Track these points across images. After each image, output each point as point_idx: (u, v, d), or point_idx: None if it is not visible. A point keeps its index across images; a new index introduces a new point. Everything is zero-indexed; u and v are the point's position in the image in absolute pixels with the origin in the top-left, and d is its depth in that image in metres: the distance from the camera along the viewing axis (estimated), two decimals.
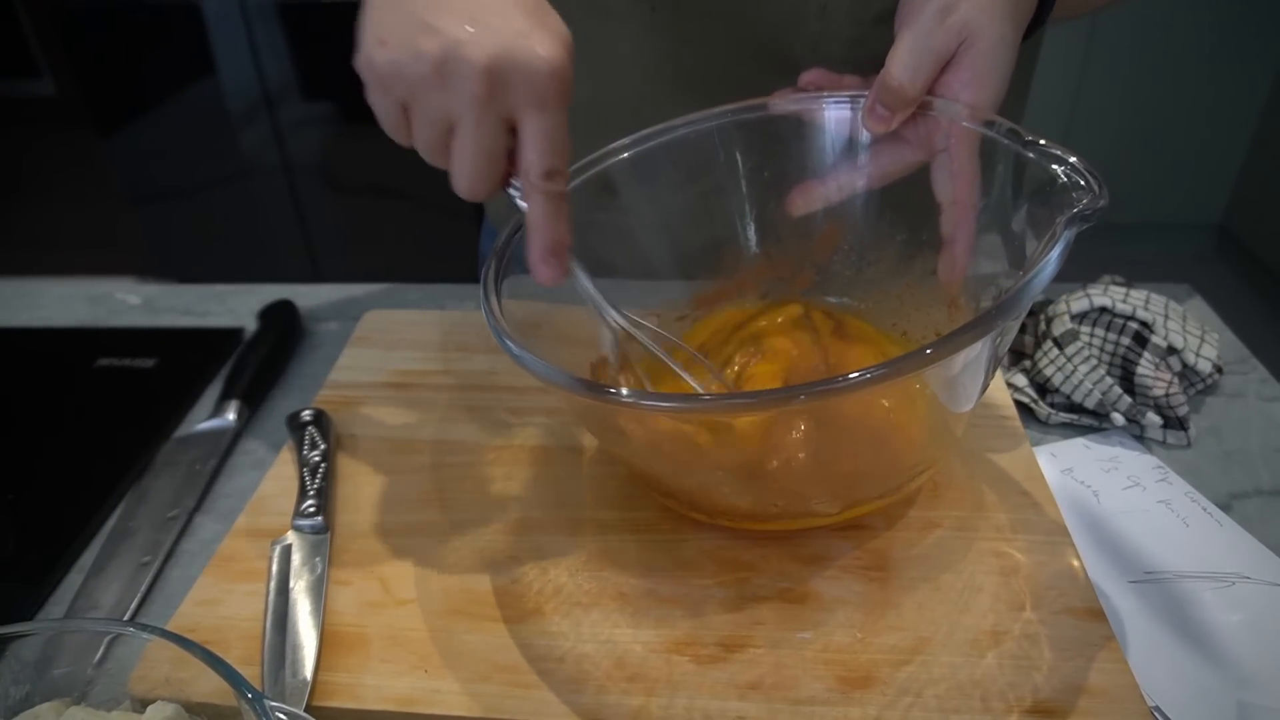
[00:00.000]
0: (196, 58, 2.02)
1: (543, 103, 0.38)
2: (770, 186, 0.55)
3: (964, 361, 0.39)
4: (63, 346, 0.72)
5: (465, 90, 0.37)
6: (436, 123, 0.39)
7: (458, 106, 0.38)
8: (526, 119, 0.39)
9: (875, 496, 0.46)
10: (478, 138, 0.39)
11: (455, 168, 0.40)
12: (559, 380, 0.38)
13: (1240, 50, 2.23)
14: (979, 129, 0.46)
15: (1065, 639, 0.42)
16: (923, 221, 0.51)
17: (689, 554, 0.47)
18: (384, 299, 0.77)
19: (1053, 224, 0.38)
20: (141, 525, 0.53)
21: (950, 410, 0.44)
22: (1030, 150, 0.43)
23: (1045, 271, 0.36)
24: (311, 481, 0.51)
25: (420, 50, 0.37)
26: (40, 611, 0.49)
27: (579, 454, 0.54)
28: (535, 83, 0.38)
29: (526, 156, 0.40)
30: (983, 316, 0.35)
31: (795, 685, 0.40)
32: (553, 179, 0.40)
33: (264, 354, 0.66)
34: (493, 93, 0.37)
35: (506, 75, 0.37)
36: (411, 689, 0.41)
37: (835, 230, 0.56)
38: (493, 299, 0.43)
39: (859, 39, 0.63)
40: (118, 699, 0.40)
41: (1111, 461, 0.56)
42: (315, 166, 2.18)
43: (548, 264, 0.42)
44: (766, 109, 0.54)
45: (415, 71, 0.37)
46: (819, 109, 0.53)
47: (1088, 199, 0.38)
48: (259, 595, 0.46)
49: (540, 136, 0.39)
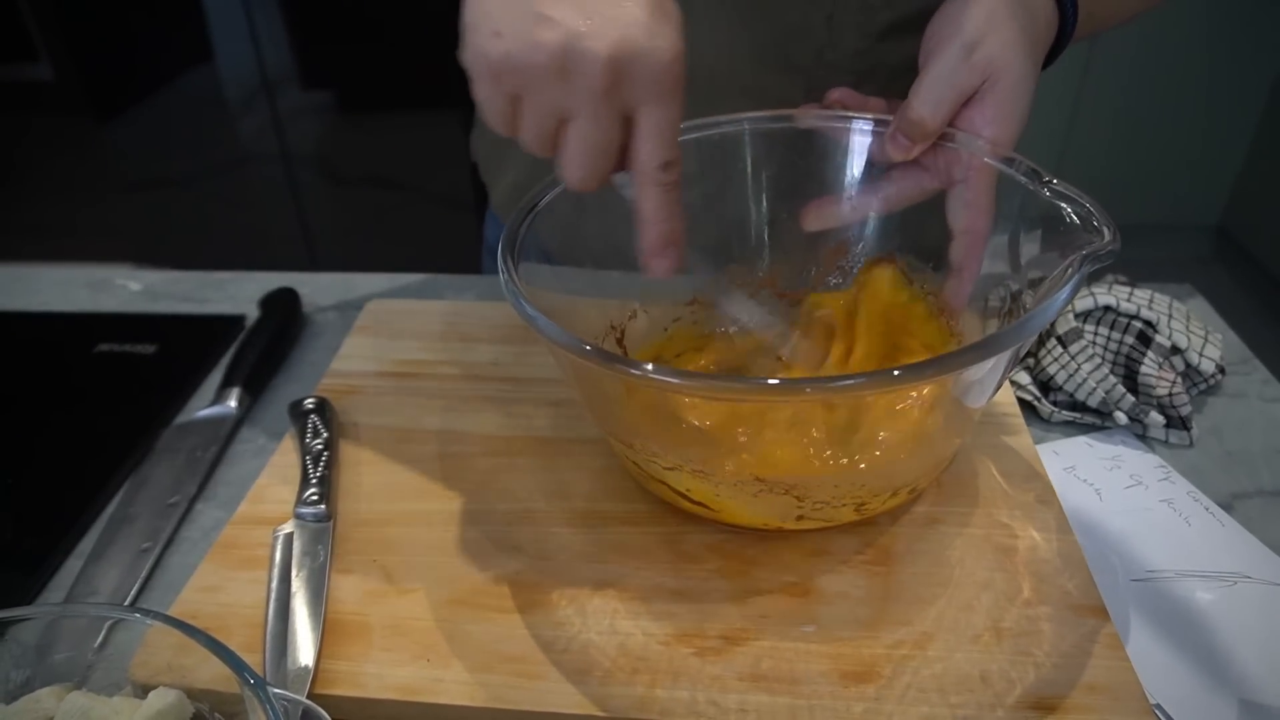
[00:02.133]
0: (195, 44, 2.01)
1: (662, 95, 0.38)
2: (784, 196, 0.56)
3: (983, 371, 0.40)
4: (62, 332, 0.71)
5: (585, 84, 0.36)
6: (550, 115, 0.38)
7: (576, 100, 0.37)
8: (645, 112, 0.38)
9: (891, 493, 0.46)
10: (594, 131, 0.38)
11: (566, 159, 0.39)
12: (584, 351, 0.38)
13: (1239, 54, 2.23)
14: (999, 165, 0.47)
15: (1067, 635, 0.42)
16: (929, 244, 0.52)
17: (691, 547, 0.47)
18: (384, 288, 0.77)
19: (1064, 259, 0.40)
20: (141, 511, 0.53)
21: (968, 407, 0.45)
22: (1047, 189, 0.44)
23: (1056, 304, 0.38)
24: (314, 469, 0.51)
25: (538, 42, 0.36)
26: (39, 597, 0.49)
27: (581, 445, 0.54)
28: (657, 75, 0.37)
29: (643, 149, 0.39)
30: (993, 338, 0.37)
31: (798, 677, 0.40)
32: (669, 170, 0.40)
33: (265, 342, 0.66)
34: (614, 86, 0.37)
35: (628, 67, 0.36)
36: (414, 678, 0.41)
37: (843, 246, 0.57)
38: (513, 273, 0.43)
39: (864, 50, 0.64)
40: (118, 684, 0.40)
41: (1114, 460, 0.56)
42: (314, 155, 2.18)
43: (664, 255, 0.42)
44: (791, 121, 0.54)
45: (533, 64, 0.36)
46: (843, 128, 0.54)
47: (1099, 241, 0.40)
48: (260, 583, 0.46)
49: (658, 129, 0.38)
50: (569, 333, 0.39)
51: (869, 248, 0.56)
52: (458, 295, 0.74)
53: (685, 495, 0.46)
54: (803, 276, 0.58)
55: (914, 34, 0.64)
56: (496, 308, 0.67)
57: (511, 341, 0.64)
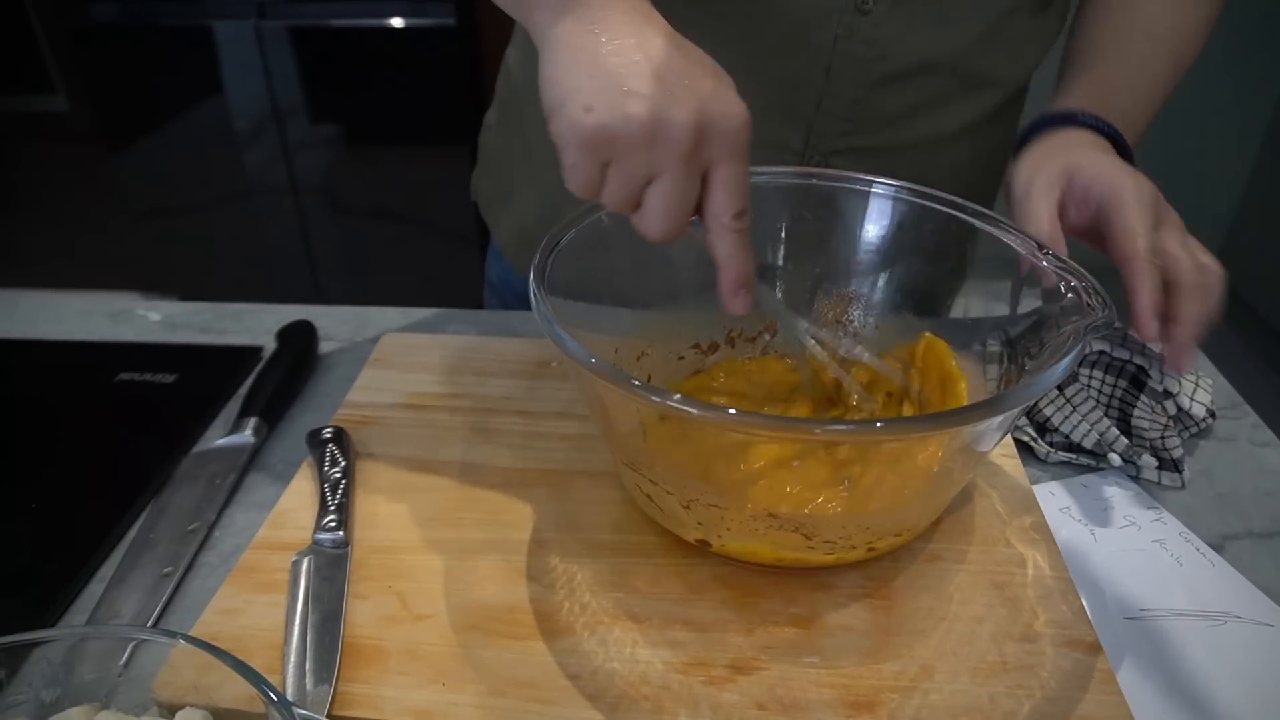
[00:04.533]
0: (206, 76, 2.05)
1: (735, 153, 0.42)
2: (792, 250, 0.59)
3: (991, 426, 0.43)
4: (84, 361, 0.73)
5: (674, 149, 0.40)
6: (638, 178, 0.42)
7: (664, 163, 0.41)
8: (720, 168, 0.42)
9: (898, 534, 0.48)
10: (677, 190, 0.42)
11: (650, 213, 0.43)
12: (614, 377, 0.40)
13: (1232, 104, 2.27)
14: (1028, 254, 0.51)
15: (1064, 671, 0.43)
16: (928, 303, 0.57)
17: (699, 578, 0.49)
18: (397, 322, 0.78)
19: (1061, 325, 0.45)
20: (162, 537, 0.54)
21: (971, 456, 0.47)
22: (1050, 263, 0.49)
23: (1058, 371, 0.41)
24: (332, 496, 0.53)
25: (629, 114, 0.40)
26: (61, 620, 0.50)
27: (592, 479, 0.56)
28: (732, 137, 0.42)
29: (718, 200, 0.43)
30: (1001, 397, 0.41)
31: (803, 708, 0.42)
32: (741, 219, 0.44)
33: (282, 373, 0.67)
34: (697, 149, 0.41)
35: (708, 131, 0.41)
36: (429, 701, 0.42)
37: (844, 300, 0.60)
38: (543, 296, 0.45)
39: (861, 98, 0.67)
40: (144, 705, 0.41)
41: (1108, 501, 0.58)
42: (320, 187, 2.21)
43: (740, 295, 0.45)
44: (812, 179, 0.58)
45: (626, 134, 0.40)
46: (860, 190, 0.57)
47: (1100, 315, 0.44)
48: (279, 606, 0.47)
49: (733, 183, 0.43)
50: (607, 363, 0.41)
51: (870, 304, 0.59)
52: (466, 330, 0.76)
53: (701, 542, 0.48)
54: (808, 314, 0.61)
55: (908, 83, 0.68)
56: (508, 343, 0.69)
57: (523, 376, 0.65)
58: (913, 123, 0.70)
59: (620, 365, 0.55)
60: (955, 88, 0.69)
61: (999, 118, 0.74)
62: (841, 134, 0.69)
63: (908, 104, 0.69)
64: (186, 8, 1.97)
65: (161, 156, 2.17)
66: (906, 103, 0.69)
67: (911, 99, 0.68)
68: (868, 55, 0.65)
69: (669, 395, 0.39)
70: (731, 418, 0.40)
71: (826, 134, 0.69)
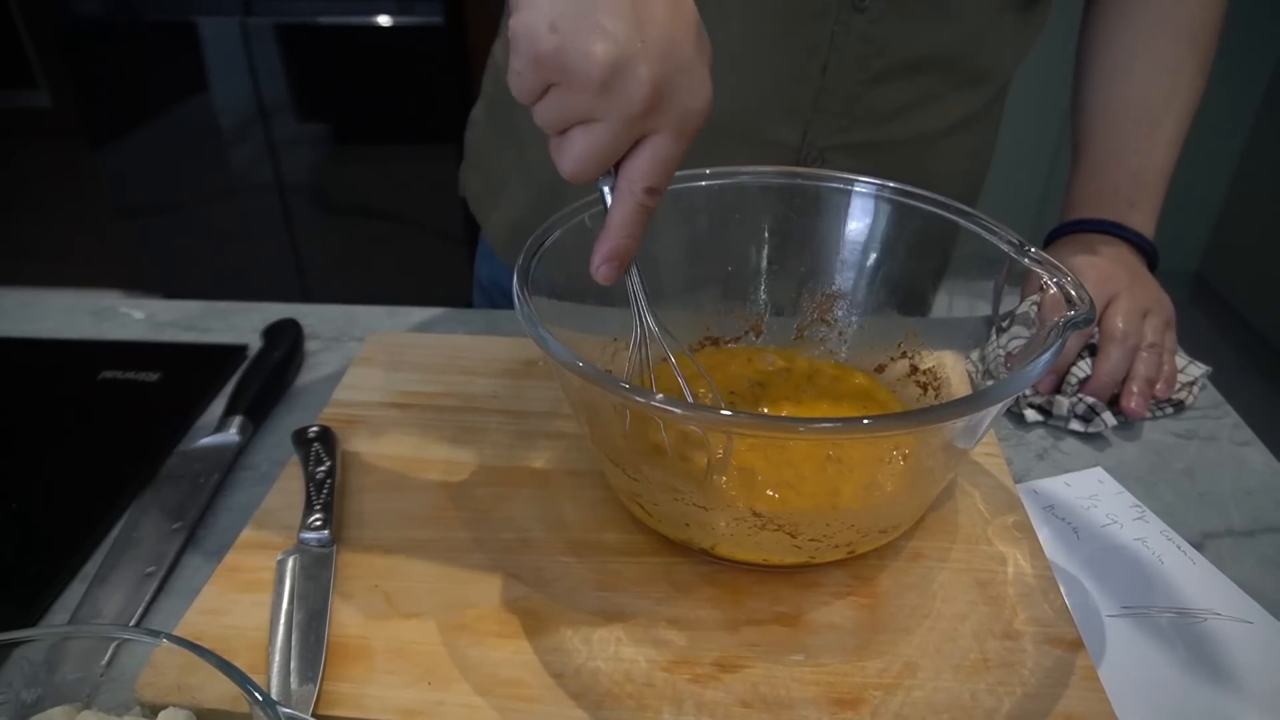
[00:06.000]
0: (191, 73, 2.03)
1: (681, 133, 0.40)
2: (778, 248, 0.60)
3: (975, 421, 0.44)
4: (67, 359, 0.72)
5: (622, 106, 0.38)
6: (575, 114, 0.39)
7: (607, 113, 0.38)
8: (658, 139, 0.39)
9: (882, 530, 0.48)
10: (610, 143, 0.39)
11: (568, 151, 0.40)
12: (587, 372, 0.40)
13: (1216, 106, 2.29)
14: (980, 231, 0.52)
15: (1046, 668, 0.44)
16: (913, 300, 0.58)
17: (684, 577, 0.49)
18: (384, 321, 0.78)
19: (1044, 322, 0.46)
20: (145, 536, 0.54)
21: (952, 454, 0.47)
22: (1026, 258, 0.50)
23: (1039, 366, 0.42)
24: (317, 495, 0.53)
25: (590, 52, 0.36)
26: (43, 619, 0.50)
27: (578, 478, 0.56)
28: (686, 117, 0.39)
29: (638, 166, 0.40)
30: (981, 394, 0.42)
31: (787, 705, 0.42)
32: (652, 196, 0.41)
33: (267, 371, 0.67)
34: (646, 114, 0.38)
35: (664, 102, 0.38)
36: (415, 700, 0.42)
37: (830, 299, 0.61)
38: (527, 297, 0.45)
39: (856, 95, 0.67)
40: (125, 705, 0.41)
41: (1091, 499, 0.58)
42: (306, 185, 2.20)
43: (609, 265, 0.43)
44: (796, 178, 0.58)
45: (580, 72, 0.37)
46: (842, 189, 0.58)
47: (1081, 311, 0.44)
48: (264, 605, 0.47)
49: (662, 158, 0.40)
50: (592, 365, 0.41)
51: (857, 302, 0.59)
52: (454, 329, 0.76)
53: (687, 543, 0.48)
54: (790, 325, 0.61)
55: (904, 79, 0.69)
56: (495, 342, 0.69)
57: (509, 376, 0.65)
58: (908, 118, 0.70)
59: (605, 366, 0.56)
60: (948, 84, 0.70)
61: (987, 112, 0.75)
62: (838, 130, 0.70)
63: (903, 100, 0.69)
64: (171, 3, 1.96)
65: (146, 154, 2.16)
66: (902, 99, 0.69)
67: (907, 95, 0.69)
68: (864, 52, 0.65)
69: (651, 395, 0.39)
70: (720, 418, 0.40)
71: (823, 130, 0.70)
